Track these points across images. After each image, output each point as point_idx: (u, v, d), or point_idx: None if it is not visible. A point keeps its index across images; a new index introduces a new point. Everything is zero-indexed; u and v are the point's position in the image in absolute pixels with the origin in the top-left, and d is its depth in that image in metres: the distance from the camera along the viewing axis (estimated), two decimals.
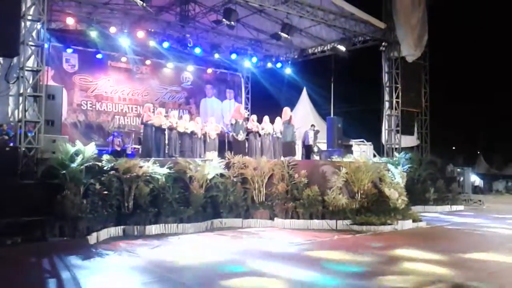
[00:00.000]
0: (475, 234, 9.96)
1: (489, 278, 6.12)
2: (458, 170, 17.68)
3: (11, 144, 9.73)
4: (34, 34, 9.72)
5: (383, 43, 16.31)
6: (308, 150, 15.70)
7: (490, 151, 27.29)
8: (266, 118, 14.06)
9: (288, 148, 13.68)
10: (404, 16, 16.36)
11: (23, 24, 9.34)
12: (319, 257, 7.36)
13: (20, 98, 9.41)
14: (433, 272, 6.35)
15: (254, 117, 13.98)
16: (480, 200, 16.54)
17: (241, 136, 13.47)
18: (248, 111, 18.44)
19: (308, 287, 5.70)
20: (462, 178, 17.11)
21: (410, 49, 16.57)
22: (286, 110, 14.15)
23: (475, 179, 20.50)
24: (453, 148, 27.26)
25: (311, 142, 15.72)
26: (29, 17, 9.54)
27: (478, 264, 7.02)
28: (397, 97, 16.36)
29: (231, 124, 13.91)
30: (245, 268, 6.60)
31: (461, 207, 15.03)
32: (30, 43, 9.58)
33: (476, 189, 20.69)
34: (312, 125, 15.82)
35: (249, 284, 5.83)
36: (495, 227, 10.82)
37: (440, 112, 19.09)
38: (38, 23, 9.75)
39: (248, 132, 13.69)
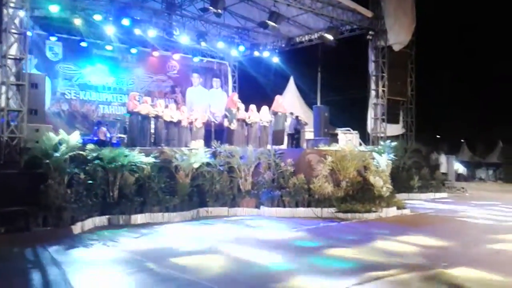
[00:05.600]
0: (458, 221, 10.14)
1: (473, 264, 6.23)
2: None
3: None
4: (16, 21, 9.55)
5: (370, 32, 16.32)
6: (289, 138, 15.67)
7: (473, 139, 27.66)
8: (252, 107, 14.06)
9: (277, 137, 13.71)
10: (392, 4, 16.39)
11: (5, 11, 9.19)
12: (296, 244, 7.49)
13: (3, 87, 9.28)
14: (415, 259, 6.48)
15: (242, 105, 13.95)
16: (463, 188, 16.80)
17: (234, 125, 13.45)
18: None
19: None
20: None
21: (398, 37, 16.60)
22: (277, 98, 14.17)
23: (459, 167, 20.78)
24: (438, 136, 27.55)
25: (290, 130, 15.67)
26: (12, 4, 9.37)
27: (461, 250, 7.17)
28: (383, 86, 16.44)
29: (225, 113, 13.79)
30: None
31: (444, 195, 15.26)
32: (13, 30, 9.42)
33: (459, 177, 20.99)
34: (291, 113, 15.75)
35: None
36: (477, 214, 11.01)
37: (425, 101, 19.24)
38: (21, 10, 9.59)
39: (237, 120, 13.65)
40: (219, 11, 13.74)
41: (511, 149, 22.78)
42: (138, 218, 9.19)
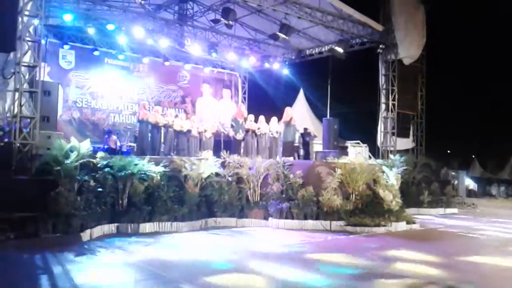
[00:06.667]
0: (468, 237, 9.99)
1: (481, 281, 6.14)
2: (453, 173, 17.74)
3: (6, 140, 9.69)
4: (31, 29, 9.69)
5: (381, 46, 16.35)
6: (298, 150, 15.65)
7: (484, 155, 27.41)
8: (262, 118, 14.09)
9: (287, 148, 13.71)
10: (403, 18, 16.43)
11: (20, 19, 9.30)
12: (311, 258, 7.38)
13: (16, 94, 9.38)
14: (426, 274, 6.38)
15: (251, 116, 14.02)
16: (473, 204, 16.61)
17: (240, 135, 13.53)
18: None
19: (291, 285, 5.75)
20: (456, 182, 17.17)
21: (408, 51, 16.61)
22: (287, 110, 14.22)
23: (469, 183, 20.57)
24: (448, 151, 27.36)
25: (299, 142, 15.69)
26: (27, 13, 9.50)
27: (470, 266, 7.06)
28: (393, 100, 16.41)
29: (232, 123, 13.92)
30: (232, 266, 6.67)
31: (455, 210, 15.07)
32: (27, 38, 9.54)
33: (470, 193, 20.77)
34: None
35: (232, 281, 5.88)
36: (487, 231, 10.86)
37: (435, 115, 19.15)
38: (36, 19, 9.72)
39: (245, 131, 13.72)
40: (230, 22, 13.86)
41: None
42: (147, 227, 9.17)
